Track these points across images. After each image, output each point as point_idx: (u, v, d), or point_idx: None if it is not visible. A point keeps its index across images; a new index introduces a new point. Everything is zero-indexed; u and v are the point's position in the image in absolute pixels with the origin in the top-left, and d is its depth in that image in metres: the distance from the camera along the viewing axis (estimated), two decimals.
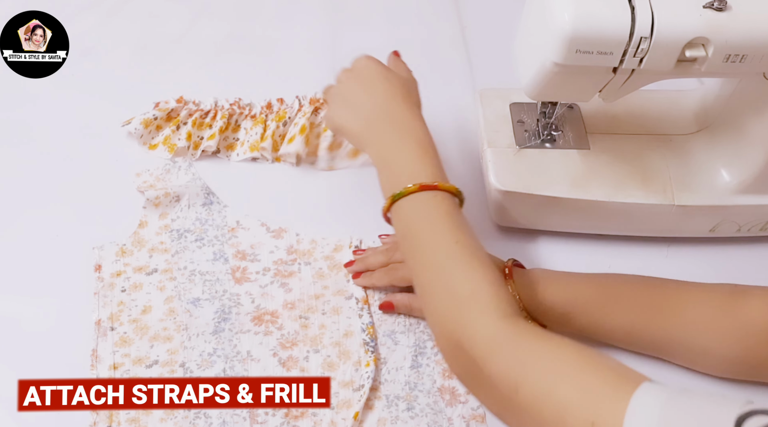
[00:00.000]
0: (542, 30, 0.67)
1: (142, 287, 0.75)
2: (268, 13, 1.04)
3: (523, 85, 0.72)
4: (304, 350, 0.72)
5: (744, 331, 0.67)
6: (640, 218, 0.79)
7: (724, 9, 0.65)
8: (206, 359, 0.71)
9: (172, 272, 0.76)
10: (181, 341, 0.72)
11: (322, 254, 0.78)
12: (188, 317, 0.73)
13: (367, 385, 0.69)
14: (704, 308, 0.69)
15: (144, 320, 0.73)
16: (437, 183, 0.66)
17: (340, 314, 0.74)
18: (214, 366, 0.71)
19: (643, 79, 0.69)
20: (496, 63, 0.95)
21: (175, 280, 0.75)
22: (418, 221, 0.65)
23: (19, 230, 0.79)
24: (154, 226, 0.79)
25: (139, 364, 0.70)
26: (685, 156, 0.80)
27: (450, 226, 0.64)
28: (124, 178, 0.84)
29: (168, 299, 0.74)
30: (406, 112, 0.70)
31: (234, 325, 0.73)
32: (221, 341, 0.72)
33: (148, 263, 0.77)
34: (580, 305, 0.70)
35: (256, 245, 0.78)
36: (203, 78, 0.94)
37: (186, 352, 0.71)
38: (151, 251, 0.77)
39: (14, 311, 0.74)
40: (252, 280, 0.76)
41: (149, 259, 0.77)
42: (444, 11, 1.05)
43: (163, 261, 0.77)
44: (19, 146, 0.87)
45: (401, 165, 0.68)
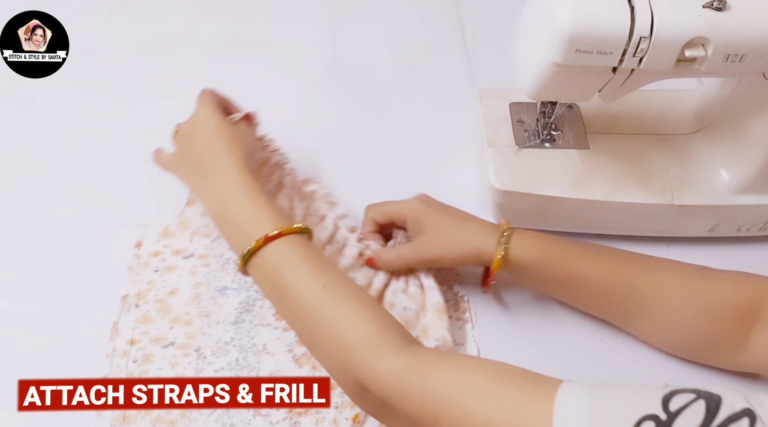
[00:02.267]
0: (542, 30, 0.67)
1: (175, 269, 0.77)
2: (268, 12, 1.04)
3: (523, 85, 0.72)
4: None
5: (709, 305, 0.68)
6: (639, 217, 0.79)
7: (724, 9, 0.65)
8: (222, 347, 0.72)
9: (207, 258, 0.77)
10: (201, 326, 0.73)
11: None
12: (212, 304, 0.74)
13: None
14: (678, 275, 0.70)
15: (169, 301, 0.75)
16: (280, 228, 0.63)
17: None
18: (228, 355, 0.72)
19: (642, 79, 0.69)
20: (496, 63, 0.95)
21: (209, 266, 0.77)
22: (278, 274, 0.63)
23: (19, 230, 0.80)
24: (200, 207, 0.80)
25: (156, 343, 0.72)
26: (685, 156, 0.80)
27: (311, 271, 0.62)
28: (124, 178, 0.84)
29: (197, 284, 0.76)
30: (216, 159, 0.68)
31: (255, 317, 0.74)
32: (240, 331, 0.73)
33: (187, 246, 0.78)
34: (560, 252, 0.70)
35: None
36: (203, 78, 0.94)
37: (203, 338, 0.73)
38: (193, 234, 0.79)
39: (15, 311, 0.74)
40: None
41: (189, 242, 0.78)
42: (444, 11, 1.05)
43: (202, 246, 0.78)
44: (19, 146, 0.87)
45: (239, 221, 0.65)
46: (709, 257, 0.81)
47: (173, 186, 0.82)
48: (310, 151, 0.88)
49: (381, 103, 0.94)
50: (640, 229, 0.81)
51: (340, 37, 1.01)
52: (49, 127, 0.89)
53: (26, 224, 0.80)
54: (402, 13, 1.05)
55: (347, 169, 0.87)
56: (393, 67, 0.98)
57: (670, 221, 0.79)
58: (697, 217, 0.79)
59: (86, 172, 0.85)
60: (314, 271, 0.62)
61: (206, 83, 0.91)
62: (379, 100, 0.94)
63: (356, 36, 1.01)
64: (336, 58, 0.98)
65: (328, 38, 1.01)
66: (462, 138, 0.89)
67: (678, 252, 0.80)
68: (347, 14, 1.04)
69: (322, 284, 0.61)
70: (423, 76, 0.97)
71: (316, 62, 0.98)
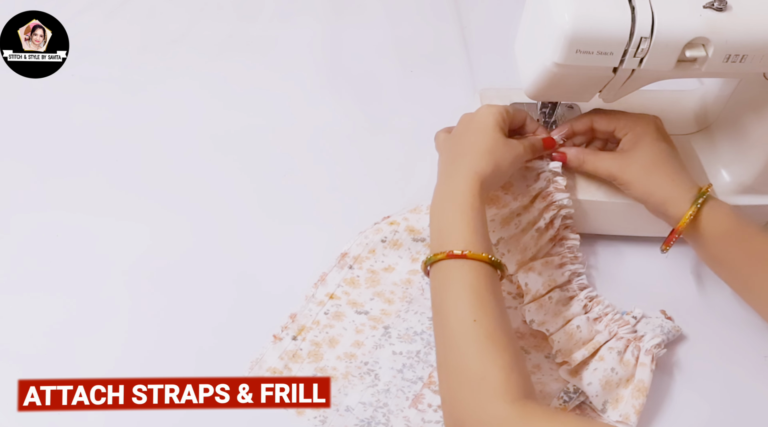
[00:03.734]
0: (542, 30, 0.67)
1: (401, 247, 0.78)
2: (268, 12, 1.04)
3: (524, 85, 0.72)
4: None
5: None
6: (639, 217, 0.79)
7: (724, 9, 0.65)
8: (410, 335, 0.73)
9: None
10: (399, 309, 0.75)
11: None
12: (419, 293, 0.75)
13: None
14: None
15: (381, 275, 0.77)
16: (467, 251, 0.63)
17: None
18: (412, 344, 0.73)
19: (643, 79, 0.69)
20: (496, 63, 0.95)
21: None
22: (443, 290, 0.64)
23: (18, 230, 0.80)
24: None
25: (352, 306, 0.75)
26: (685, 156, 0.80)
27: (472, 301, 0.62)
28: (124, 178, 0.84)
29: (413, 271, 0.77)
30: (461, 166, 0.68)
31: None
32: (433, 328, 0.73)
33: (423, 229, 0.78)
34: (752, 230, 0.69)
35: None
36: (203, 78, 0.94)
37: (396, 320, 0.74)
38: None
39: (14, 311, 0.74)
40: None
41: (427, 225, 0.77)
42: (444, 11, 1.05)
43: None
44: (19, 146, 0.87)
45: (444, 225, 0.66)
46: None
47: (172, 185, 0.82)
48: (310, 151, 0.88)
49: (381, 103, 0.94)
50: (640, 229, 0.81)
51: (340, 38, 1.01)
52: (49, 127, 0.89)
53: (26, 224, 0.80)
54: (402, 13, 1.05)
55: (347, 169, 0.87)
56: (393, 67, 0.98)
57: None
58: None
59: (86, 172, 0.85)
60: (474, 302, 0.62)
61: (206, 83, 0.92)
62: (380, 100, 0.94)
63: (356, 36, 1.01)
64: (336, 58, 0.98)
65: (329, 38, 1.01)
66: None
67: (678, 252, 0.80)
68: (347, 14, 1.04)
69: (473, 317, 0.61)
70: (423, 76, 0.97)
71: (316, 62, 0.98)
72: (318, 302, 0.75)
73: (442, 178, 0.70)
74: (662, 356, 0.72)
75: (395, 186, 0.85)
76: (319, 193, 0.85)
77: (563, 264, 0.75)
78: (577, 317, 0.73)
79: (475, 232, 0.64)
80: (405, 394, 0.70)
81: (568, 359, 0.71)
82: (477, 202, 0.66)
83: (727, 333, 0.75)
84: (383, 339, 0.73)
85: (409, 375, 0.71)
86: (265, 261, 0.78)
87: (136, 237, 0.79)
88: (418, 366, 0.71)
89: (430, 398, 0.70)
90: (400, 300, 0.75)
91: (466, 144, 0.70)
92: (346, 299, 0.75)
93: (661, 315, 0.75)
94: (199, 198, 0.83)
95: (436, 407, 0.69)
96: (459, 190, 0.66)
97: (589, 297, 0.74)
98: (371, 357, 0.72)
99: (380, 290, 0.76)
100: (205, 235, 0.80)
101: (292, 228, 0.81)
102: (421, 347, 0.72)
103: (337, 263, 0.77)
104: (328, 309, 0.74)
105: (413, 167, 0.87)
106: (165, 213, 0.81)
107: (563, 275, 0.75)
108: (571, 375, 0.70)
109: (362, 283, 0.76)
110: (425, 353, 0.72)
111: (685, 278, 0.80)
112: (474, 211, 0.65)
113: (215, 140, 0.89)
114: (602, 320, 0.73)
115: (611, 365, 0.70)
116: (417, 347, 0.72)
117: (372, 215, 0.80)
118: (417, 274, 0.77)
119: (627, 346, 0.71)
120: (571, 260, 0.76)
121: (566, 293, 0.75)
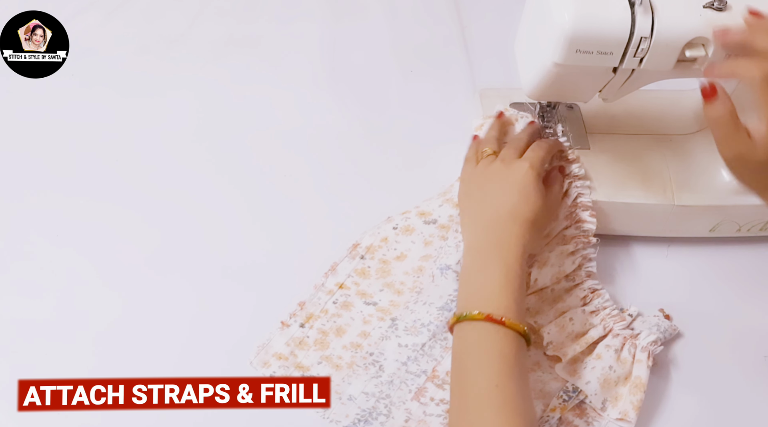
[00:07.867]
0: (542, 30, 0.67)
1: (413, 232, 0.78)
2: (268, 12, 1.04)
3: (524, 85, 0.72)
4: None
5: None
6: (640, 217, 0.79)
7: (724, 9, 0.65)
8: (417, 327, 0.73)
9: (448, 230, 0.77)
10: (407, 301, 0.75)
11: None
12: (429, 282, 0.75)
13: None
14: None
15: (392, 264, 0.77)
16: (505, 319, 0.63)
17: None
18: (418, 336, 0.73)
19: (643, 79, 0.69)
20: (496, 63, 0.95)
21: (446, 240, 0.76)
22: (472, 350, 0.64)
23: (18, 230, 0.80)
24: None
25: (361, 297, 0.75)
26: (685, 156, 0.80)
27: (498, 367, 0.62)
28: (124, 178, 0.84)
29: (425, 256, 0.76)
30: (511, 234, 0.68)
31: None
32: (441, 318, 0.73)
33: (434, 211, 0.78)
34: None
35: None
36: (203, 78, 0.94)
37: (404, 311, 0.74)
38: (445, 201, 0.78)
39: (14, 311, 0.74)
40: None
41: (438, 207, 0.78)
42: (444, 11, 1.05)
43: (447, 217, 0.78)
44: (19, 146, 0.87)
45: (481, 285, 0.66)
46: (710, 257, 0.81)
47: (173, 184, 0.82)
48: (310, 151, 0.88)
49: (381, 103, 0.94)
50: (640, 229, 0.81)
51: (340, 37, 1.01)
52: (49, 128, 0.89)
53: (25, 224, 0.80)
54: (402, 13, 1.05)
55: (347, 169, 0.87)
56: (393, 67, 0.98)
57: (671, 221, 0.79)
58: (698, 217, 0.79)
59: (86, 172, 0.85)
60: (500, 368, 0.62)
61: (206, 83, 0.91)
62: (380, 100, 0.94)
63: (357, 36, 1.01)
64: (336, 58, 0.98)
65: (329, 38, 1.01)
66: (462, 138, 0.89)
67: (678, 252, 0.81)
68: (348, 14, 1.04)
69: (496, 383, 0.61)
70: (423, 76, 0.97)
71: (316, 62, 0.97)
72: (327, 291, 0.75)
73: (482, 227, 0.69)
74: (661, 355, 0.72)
75: (395, 185, 0.85)
76: (320, 194, 0.85)
77: (576, 251, 0.75)
78: (572, 310, 0.73)
79: (516, 301, 0.65)
80: (408, 386, 0.70)
81: (559, 352, 0.71)
82: (521, 270, 0.67)
83: (726, 333, 0.76)
84: (390, 331, 0.73)
85: (413, 368, 0.71)
86: (272, 255, 0.79)
87: (138, 236, 0.79)
88: (423, 359, 0.72)
89: (433, 391, 0.70)
90: (410, 291, 0.75)
91: (508, 205, 0.69)
92: (355, 290, 0.76)
93: (659, 314, 0.75)
94: (201, 194, 0.83)
95: (438, 401, 0.69)
96: (505, 260, 0.66)
97: (592, 288, 0.74)
98: (377, 348, 0.72)
99: (390, 280, 0.76)
100: (210, 230, 0.81)
101: (292, 228, 0.81)
102: (426, 340, 0.72)
103: (348, 254, 0.77)
104: (337, 299, 0.75)
105: (413, 167, 0.87)
106: (168, 210, 0.82)
107: (574, 262, 0.75)
108: (569, 374, 0.71)
109: (372, 274, 0.76)
110: (430, 346, 0.72)
111: (685, 278, 0.80)
112: (519, 279, 0.66)
113: (215, 140, 0.89)
114: (599, 313, 0.73)
115: (609, 364, 0.70)
116: (422, 340, 0.72)
117: (372, 214, 0.80)
118: (429, 259, 0.76)
119: (624, 344, 0.71)
120: (584, 245, 0.76)
121: (571, 281, 0.75)
